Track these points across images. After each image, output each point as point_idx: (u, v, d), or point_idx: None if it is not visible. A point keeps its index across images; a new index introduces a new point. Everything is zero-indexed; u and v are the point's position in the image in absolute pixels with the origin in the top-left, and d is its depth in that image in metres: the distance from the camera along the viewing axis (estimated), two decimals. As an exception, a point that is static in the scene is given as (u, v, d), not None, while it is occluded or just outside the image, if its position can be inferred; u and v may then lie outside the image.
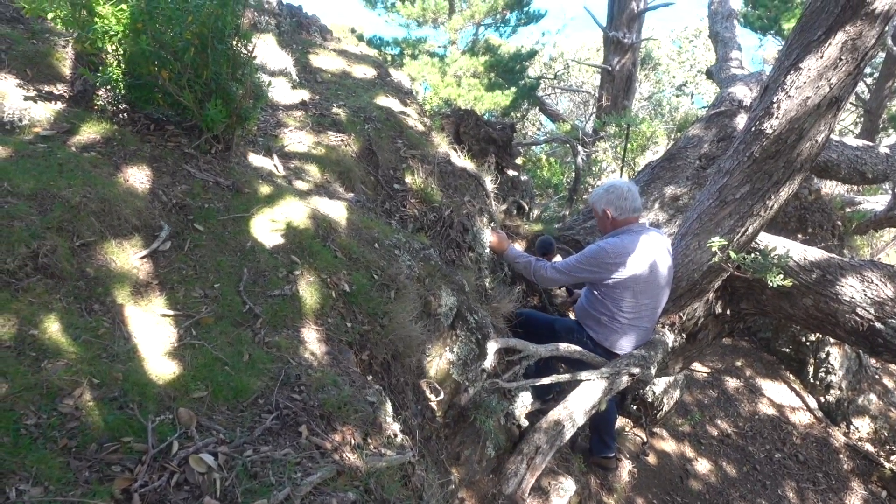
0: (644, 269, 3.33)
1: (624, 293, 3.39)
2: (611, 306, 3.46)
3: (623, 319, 3.47)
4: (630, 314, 3.46)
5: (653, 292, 3.43)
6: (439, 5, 14.16)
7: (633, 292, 3.38)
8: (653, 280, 3.38)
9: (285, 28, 4.32)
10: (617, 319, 3.47)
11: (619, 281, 3.35)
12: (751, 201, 3.39)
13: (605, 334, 3.53)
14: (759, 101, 3.34)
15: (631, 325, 3.49)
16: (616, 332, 3.50)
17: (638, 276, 3.33)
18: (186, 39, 2.32)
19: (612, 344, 3.53)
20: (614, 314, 3.47)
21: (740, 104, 5.47)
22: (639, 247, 3.33)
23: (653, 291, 3.42)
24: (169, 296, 2.01)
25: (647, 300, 3.43)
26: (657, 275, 3.39)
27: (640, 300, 3.42)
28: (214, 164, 2.60)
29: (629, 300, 3.41)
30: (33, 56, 2.72)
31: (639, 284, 3.36)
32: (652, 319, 3.56)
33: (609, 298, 3.45)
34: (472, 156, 4.07)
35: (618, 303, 3.43)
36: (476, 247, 3.49)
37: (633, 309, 3.44)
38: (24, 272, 1.78)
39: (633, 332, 3.51)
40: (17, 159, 2.12)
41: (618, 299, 3.42)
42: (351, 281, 2.40)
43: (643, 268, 3.33)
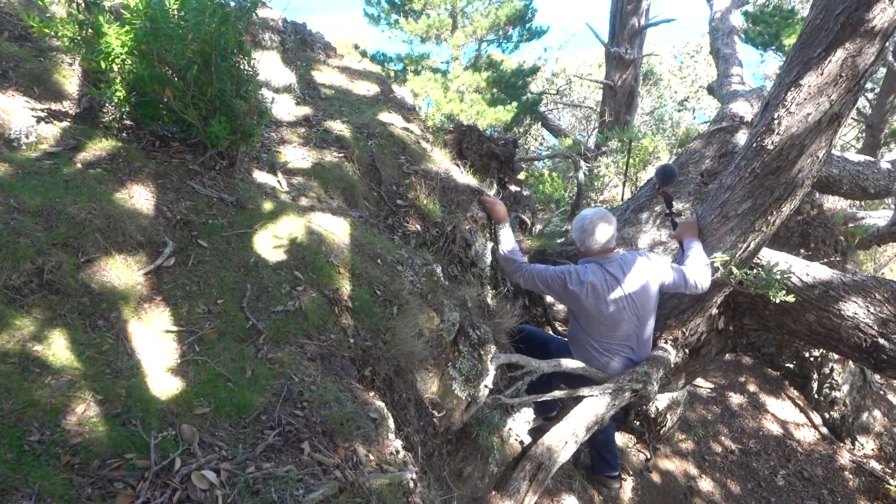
0: (599, 301, 3.36)
1: (590, 322, 3.45)
2: (582, 331, 3.53)
3: (595, 345, 3.50)
4: (599, 341, 3.49)
5: (618, 323, 3.43)
6: (442, 22, 14.29)
7: (596, 322, 3.43)
8: (615, 315, 3.39)
9: (289, 45, 4.36)
10: (591, 344, 3.51)
11: (580, 310, 3.41)
12: (752, 217, 3.40)
13: (579, 355, 3.56)
14: (760, 118, 3.36)
15: (603, 351, 3.51)
16: (591, 357, 3.52)
17: (597, 308, 3.37)
18: (189, 58, 2.35)
19: (596, 365, 3.53)
20: (586, 339, 3.52)
21: (741, 120, 5.49)
22: (601, 281, 3.37)
23: (617, 322, 3.43)
24: (172, 311, 2.02)
25: (613, 331, 3.45)
26: (622, 309, 3.40)
27: (604, 331, 3.45)
28: (219, 180, 2.62)
29: (594, 328, 3.46)
30: (40, 74, 2.75)
31: (601, 315, 3.39)
32: (629, 347, 3.54)
33: (579, 323, 3.52)
34: (475, 171, 4.09)
35: (587, 328, 3.49)
36: (478, 262, 3.50)
37: (602, 336, 3.48)
38: (29, 288, 1.79)
39: (607, 358, 3.52)
40: (24, 176, 2.14)
41: (586, 325, 3.49)
42: (353, 297, 2.40)
43: (599, 300, 3.36)
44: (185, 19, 2.30)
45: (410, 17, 14.69)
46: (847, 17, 2.90)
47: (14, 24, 2.99)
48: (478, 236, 3.57)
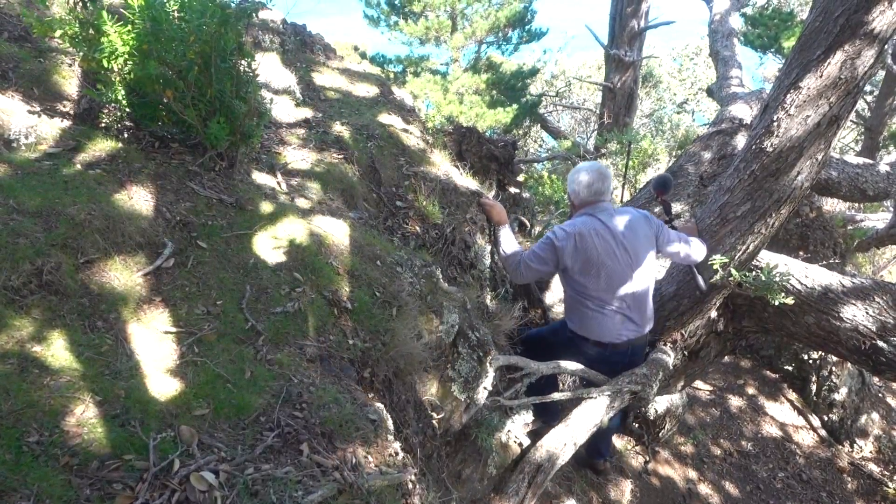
0: (588, 249, 3.22)
1: (581, 277, 3.30)
2: (574, 293, 3.39)
3: (590, 304, 3.35)
4: (593, 298, 3.34)
5: (611, 273, 3.28)
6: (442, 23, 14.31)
7: (588, 275, 3.28)
8: (606, 261, 3.25)
9: (289, 47, 4.36)
10: (586, 305, 3.37)
11: (573, 265, 3.26)
12: (752, 219, 3.40)
13: (577, 322, 3.44)
14: (760, 120, 3.37)
15: (597, 310, 3.35)
16: (586, 317, 3.39)
17: (586, 257, 3.23)
18: (190, 59, 2.35)
19: (587, 331, 3.43)
20: (579, 300, 3.38)
21: (741, 122, 5.50)
22: (589, 228, 3.25)
23: (610, 272, 3.27)
24: (172, 312, 2.02)
25: (607, 282, 3.29)
26: (613, 255, 3.26)
27: (598, 283, 3.29)
28: (218, 181, 2.62)
29: (588, 283, 3.30)
30: (40, 74, 2.75)
31: (591, 266, 3.25)
32: (625, 303, 3.37)
33: (570, 285, 3.39)
34: (475, 173, 4.09)
35: (578, 288, 3.35)
36: (478, 264, 3.50)
37: (595, 293, 3.32)
38: (28, 289, 1.79)
39: (604, 317, 3.37)
40: (23, 177, 2.14)
41: (577, 284, 3.34)
42: (353, 298, 2.40)
43: (588, 248, 3.22)
44: (186, 20, 2.30)
45: (410, 19, 14.70)
46: (846, 20, 2.91)
47: (14, 25, 2.99)
48: (477, 238, 3.57)
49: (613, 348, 3.45)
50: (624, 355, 3.52)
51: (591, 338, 3.44)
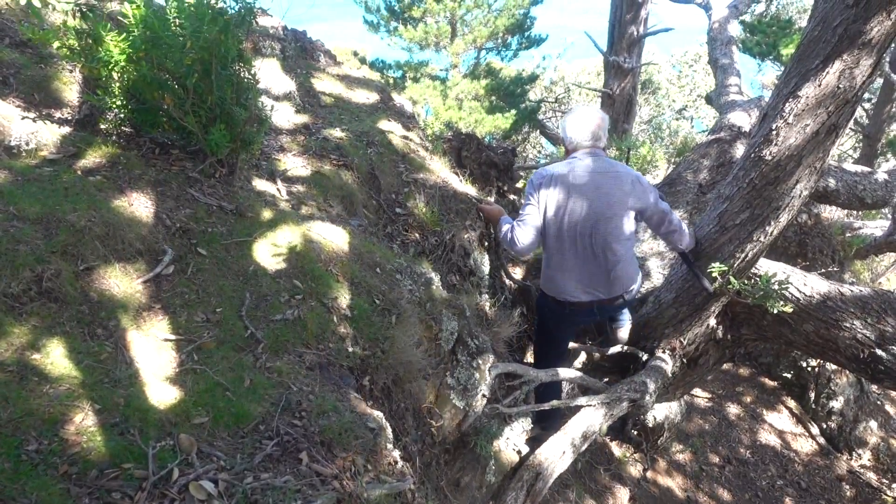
0: (560, 191, 3.07)
1: (548, 227, 3.12)
2: (545, 250, 3.26)
3: (551, 261, 3.22)
4: (554, 254, 3.19)
5: (573, 220, 3.08)
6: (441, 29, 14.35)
7: (553, 222, 3.10)
8: (572, 202, 3.06)
9: (290, 53, 4.37)
10: (550, 260, 3.23)
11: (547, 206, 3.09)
12: (750, 227, 3.40)
13: (546, 283, 3.32)
14: (759, 128, 3.38)
15: (556, 268, 3.21)
16: (547, 274, 3.27)
17: (557, 200, 3.08)
18: (188, 65, 2.35)
19: (549, 289, 3.31)
20: (547, 257, 3.25)
21: (739, 130, 5.51)
22: (568, 170, 3.09)
23: (573, 218, 3.08)
24: (171, 320, 2.02)
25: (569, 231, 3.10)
26: (580, 194, 3.06)
27: (561, 232, 3.11)
28: (218, 188, 2.62)
29: (552, 232, 3.13)
30: (41, 80, 2.76)
31: (558, 211, 3.08)
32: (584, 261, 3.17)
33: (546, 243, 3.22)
34: (474, 180, 4.10)
35: (547, 242, 3.19)
36: (477, 271, 3.50)
37: (556, 245, 3.16)
38: (27, 296, 1.79)
39: (562, 275, 3.22)
40: (24, 183, 2.14)
41: (547, 238, 3.17)
42: (352, 306, 2.40)
43: (560, 189, 3.07)
44: (183, 27, 2.31)
45: (410, 25, 14.74)
46: (845, 30, 2.92)
47: (15, 31, 2.99)
48: (476, 245, 3.57)
49: (572, 307, 3.30)
50: (589, 314, 3.38)
51: (552, 295, 3.32)
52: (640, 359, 4.17)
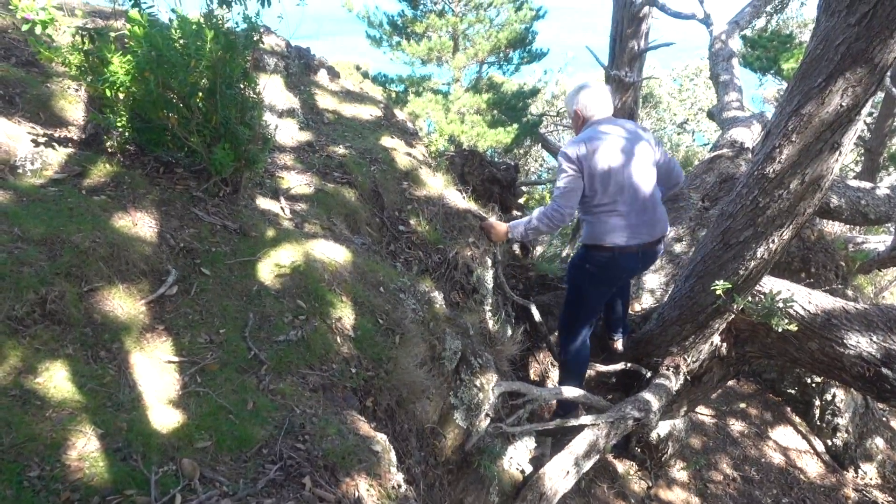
0: (601, 155, 3.30)
1: (591, 187, 3.35)
2: (585, 210, 3.48)
3: (599, 212, 3.43)
4: (603, 206, 3.40)
5: (619, 178, 3.36)
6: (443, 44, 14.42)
7: (597, 182, 3.34)
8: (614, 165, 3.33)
9: (294, 70, 4.40)
10: (594, 214, 3.45)
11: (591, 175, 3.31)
12: (754, 245, 3.40)
13: (589, 233, 3.53)
14: (761, 146, 3.38)
15: (607, 215, 3.42)
16: (597, 225, 3.47)
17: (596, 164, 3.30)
18: (192, 85, 2.36)
19: (598, 239, 3.48)
20: (591, 212, 3.45)
21: (741, 146, 5.52)
22: (595, 137, 3.34)
23: (619, 177, 3.36)
24: (174, 341, 2.01)
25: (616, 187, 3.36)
26: (620, 159, 3.34)
27: (607, 189, 3.35)
28: (222, 207, 2.62)
29: (597, 191, 3.36)
30: (46, 99, 2.77)
31: (600, 172, 3.31)
32: (634, 207, 3.44)
33: (584, 199, 3.43)
34: (477, 196, 4.10)
35: (588, 202, 3.42)
36: (480, 288, 3.50)
37: (603, 199, 3.38)
38: (31, 319, 1.78)
39: (614, 222, 3.43)
40: (28, 204, 2.14)
41: (587, 198, 3.40)
42: (356, 326, 2.39)
43: (600, 154, 3.30)
44: (187, 46, 2.32)
45: (412, 40, 14.82)
46: (847, 48, 2.92)
47: (21, 50, 3.01)
48: (479, 262, 3.57)
49: (622, 252, 3.49)
50: (635, 259, 3.60)
51: (600, 244, 3.49)
52: (643, 376, 4.16)
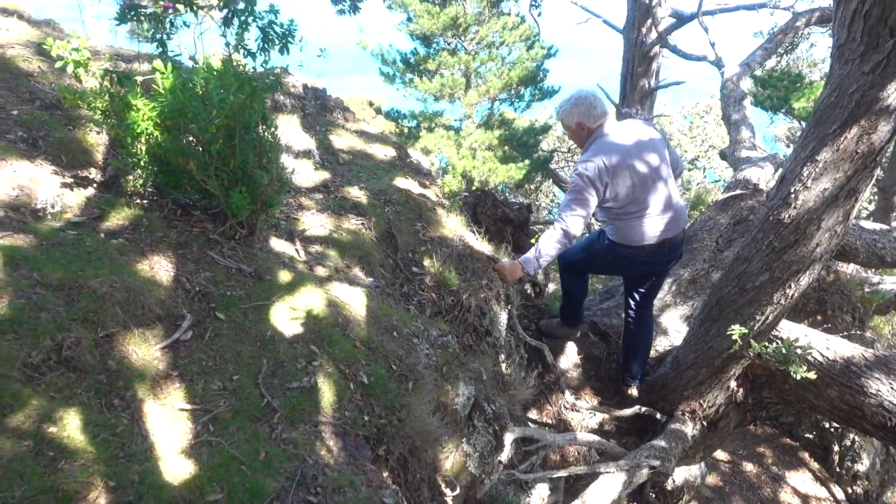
0: (620, 168, 3.34)
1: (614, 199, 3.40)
2: (610, 217, 3.54)
3: (628, 217, 3.48)
4: (631, 211, 3.45)
5: (643, 181, 3.41)
6: (456, 81, 14.60)
7: (621, 191, 3.38)
8: (638, 169, 3.38)
9: (310, 110, 4.46)
10: (622, 219, 3.50)
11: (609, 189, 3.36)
12: (770, 289, 3.37)
13: (616, 233, 3.58)
14: (777, 191, 3.37)
15: (637, 218, 3.47)
16: (625, 228, 3.53)
17: (619, 176, 3.34)
18: (212, 133, 2.40)
19: (626, 239, 3.56)
20: (618, 217, 3.51)
21: (755, 187, 5.52)
22: (609, 150, 3.35)
23: (642, 180, 3.40)
24: (188, 388, 2.00)
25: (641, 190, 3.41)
26: (637, 154, 3.39)
27: (632, 194, 3.40)
28: (238, 250, 2.64)
29: (622, 199, 3.41)
30: (69, 142, 2.81)
31: (623, 182, 3.36)
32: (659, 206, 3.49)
33: (604, 211, 3.51)
34: (490, 237, 4.11)
35: (614, 209, 3.47)
36: (493, 331, 3.47)
37: (630, 205, 3.43)
38: (47, 365, 1.78)
39: (643, 223, 3.49)
40: (48, 248, 2.16)
41: (611, 206, 3.45)
42: (369, 372, 2.38)
43: (620, 167, 3.34)
44: (210, 97, 2.36)
45: (425, 77, 15.02)
46: (861, 96, 2.93)
47: (46, 93, 3.08)
48: (492, 304, 3.55)
49: (651, 249, 3.57)
50: (661, 254, 3.64)
51: (629, 244, 3.56)
52: (658, 420, 4.09)
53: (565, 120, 3.56)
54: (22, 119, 2.80)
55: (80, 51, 2.24)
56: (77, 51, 2.22)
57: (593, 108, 3.48)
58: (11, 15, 3.70)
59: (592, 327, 4.68)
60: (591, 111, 3.46)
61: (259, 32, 2.54)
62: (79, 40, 2.22)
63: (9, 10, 3.78)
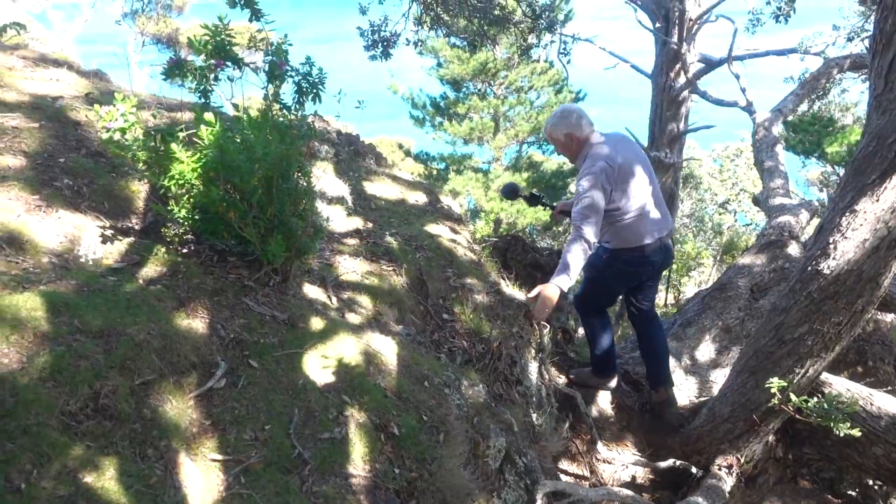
0: (622, 169, 3.51)
1: (614, 199, 3.52)
2: (614, 217, 3.60)
3: (624, 218, 3.58)
4: (626, 212, 3.57)
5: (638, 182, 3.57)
6: (485, 125, 14.83)
7: (619, 192, 3.52)
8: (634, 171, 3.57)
9: (343, 156, 4.54)
10: (619, 220, 3.60)
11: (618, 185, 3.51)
12: (810, 342, 3.28)
13: (614, 238, 3.70)
14: (815, 241, 3.31)
15: (632, 219, 3.60)
16: (622, 231, 3.64)
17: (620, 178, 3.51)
18: (254, 185, 2.45)
19: (625, 242, 3.67)
20: (613, 221, 3.60)
21: (790, 234, 5.44)
22: (607, 154, 3.50)
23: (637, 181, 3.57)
24: (220, 438, 2.00)
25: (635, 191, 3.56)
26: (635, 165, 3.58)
27: (628, 194, 3.54)
28: (272, 296, 2.66)
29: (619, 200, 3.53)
30: (112, 189, 2.90)
31: (622, 183, 3.51)
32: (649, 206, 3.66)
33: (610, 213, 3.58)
34: (520, 282, 4.09)
35: (619, 209, 3.56)
36: (524, 380, 3.43)
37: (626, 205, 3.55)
38: (84, 414, 1.80)
39: (638, 223, 3.62)
40: (89, 294, 2.20)
41: (617, 207, 3.55)
42: (400, 423, 2.35)
43: (621, 169, 3.50)
44: (252, 149, 2.41)
45: (454, 120, 15.27)
46: (902, 145, 2.89)
47: (91, 141, 3.18)
48: (523, 352, 3.51)
49: (650, 249, 3.70)
50: (660, 253, 3.79)
51: (630, 246, 3.69)
52: (693, 475, 3.96)
53: (554, 133, 3.70)
54: (68, 167, 2.90)
55: (126, 116, 2.32)
56: (124, 116, 2.30)
57: (581, 118, 3.63)
58: (62, 66, 3.87)
59: (624, 376, 4.60)
60: (579, 122, 3.62)
61: (294, 86, 2.61)
62: (125, 105, 2.30)
63: (59, 60, 3.96)
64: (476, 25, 8.30)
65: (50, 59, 3.94)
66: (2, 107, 3.12)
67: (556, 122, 3.66)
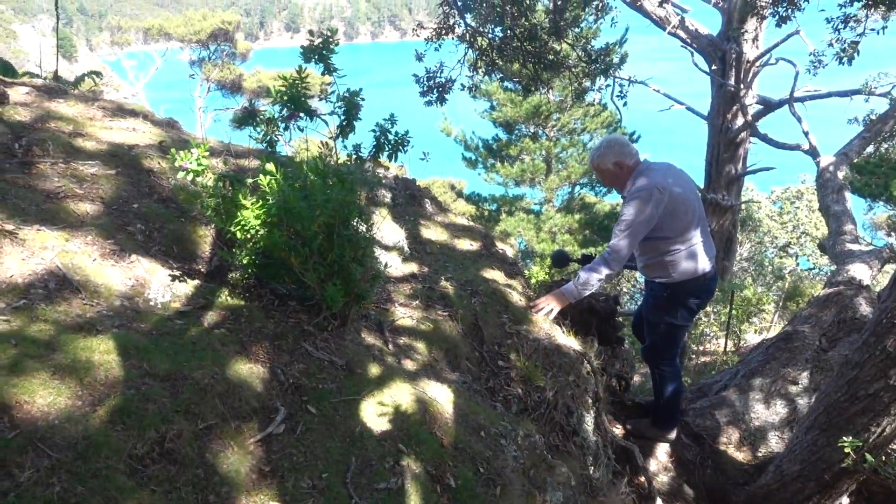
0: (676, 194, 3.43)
1: (666, 226, 3.45)
2: (660, 251, 3.56)
3: (681, 247, 3.52)
4: (683, 240, 3.51)
5: (693, 208, 3.53)
6: (537, 166, 14.86)
7: (674, 219, 3.46)
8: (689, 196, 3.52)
9: (399, 201, 4.61)
10: (676, 251, 3.53)
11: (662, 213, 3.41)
12: (887, 399, 3.11)
13: (675, 271, 3.59)
14: (889, 292, 3.17)
15: (689, 247, 3.54)
16: (681, 261, 3.55)
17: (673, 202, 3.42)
18: (315, 231, 2.51)
19: (687, 273, 3.58)
20: (669, 250, 3.54)
21: (860, 283, 5.21)
22: (658, 178, 3.43)
23: (693, 207, 3.53)
24: (279, 485, 2.01)
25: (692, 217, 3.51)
26: (682, 185, 3.52)
27: (685, 220, 3.49)
28: (330, 342, 2.69)
29: (674, 227, 3.48)
30: (179, 234, 3.01)
31: (677, 208, 3.44)
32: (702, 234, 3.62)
33: (655, 243, 3.54)
34: (576, 330, 4.02)
35: (665, 239, 3.51)
36: (580, 431, 3.34)
37: (682, 233, 3.49)
38: (150, 457, 1.83)
39: (697, 250, 3.57)
40: (157, 337, 2.27)
41: (662, 235, 3.49)
42: (456, 475, 2.32)
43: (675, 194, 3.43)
44: (314, 196, 2.48)
45: (506, 162, 15.36)
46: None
47: (163, 187, 3.33)
48: (579, 402, 3.43)
49: (711, 276, 3.69)
50: (714, 281, 3.79)
51: (694, 277, 3.61)
52: (760, 537, 3.75)
53: (602, 164, 3.62)
54: (141, 212, 3.03)
55: (199, 159, 2.43)
56: (197, 160, 2.41)
57: (627, 146, 3.58)
58: (138, 116, 4.09)
59: (685, 428, 4.43)
60: (625, 149, 3.56)
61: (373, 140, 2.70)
62: (199, 150, 2.41)
63: (136, 111, 4.19)
64: (530, 70, 8.39)
65: (127, 109, 4.17)
66: (83, 155, 3.30)
67: (603, 151, 3.61)
